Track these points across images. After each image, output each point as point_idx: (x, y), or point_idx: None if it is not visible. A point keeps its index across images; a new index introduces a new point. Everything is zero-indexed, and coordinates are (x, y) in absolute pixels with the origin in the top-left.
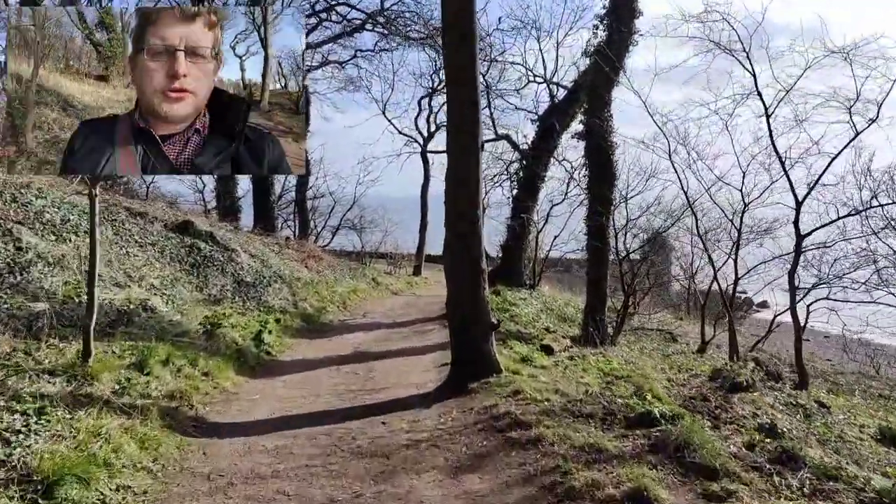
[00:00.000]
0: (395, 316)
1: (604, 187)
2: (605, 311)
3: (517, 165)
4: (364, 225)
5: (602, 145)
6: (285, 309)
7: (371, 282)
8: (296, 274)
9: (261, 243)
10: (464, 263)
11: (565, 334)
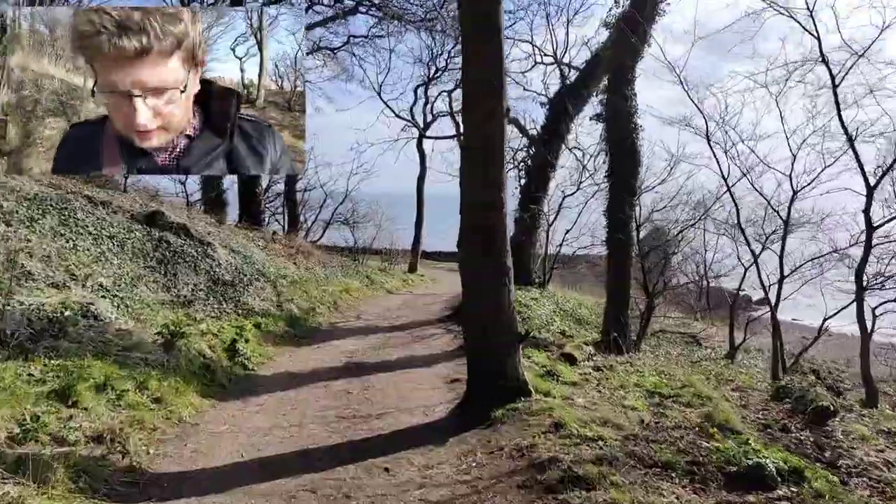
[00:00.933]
0: (393, 318)
1: (627, 174)
2: (628, 314)
3: (525, 153)
4: (357, 220)
5: (626, 127)
6: (268, 311)
7: (365, 279)
8: (282, 271)
9: (245, 238)
10: (484, 260)
11: (585, 340)
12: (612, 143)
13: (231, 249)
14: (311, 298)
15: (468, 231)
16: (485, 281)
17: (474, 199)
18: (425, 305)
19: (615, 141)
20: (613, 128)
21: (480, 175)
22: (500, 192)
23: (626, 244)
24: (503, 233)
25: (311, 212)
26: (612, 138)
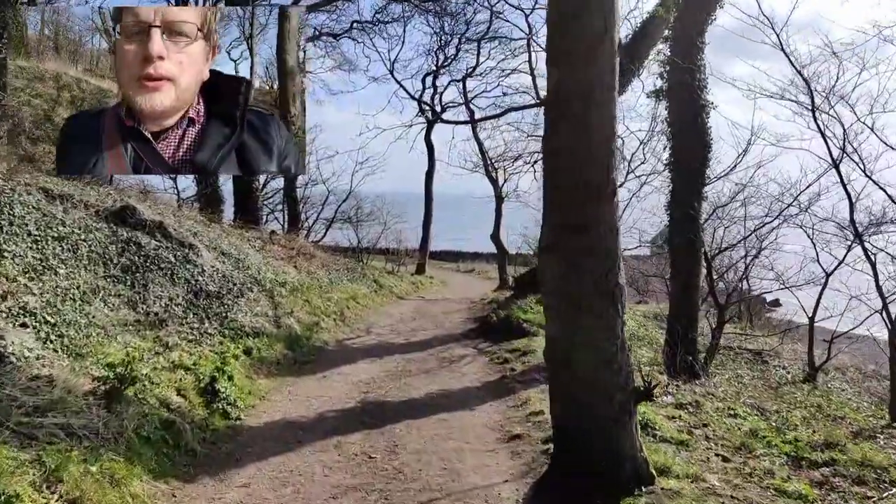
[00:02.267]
0: (408, 331)
1: (694, 161)
2: (697, 330)
3: None
4: (361, 218)
5: (693, 104)
6: (262, 330)
7: (372, 284)
8: (281, 277)
9: (239, 238)
10: (582, 278)
11: (647, 361)
12: (676, 124)
13: (221, 252)
14: (314, 310)
15: (560, 236)
16: (585, 312)
17: (568, 182)
18: (443, 315)
19: (680, 121)
20: (677, 106)
21: (579, 143)
22: (609, 172)
23: (694, 246)
24: (614, 235)
25: (313, 209)
26: (675, 118)
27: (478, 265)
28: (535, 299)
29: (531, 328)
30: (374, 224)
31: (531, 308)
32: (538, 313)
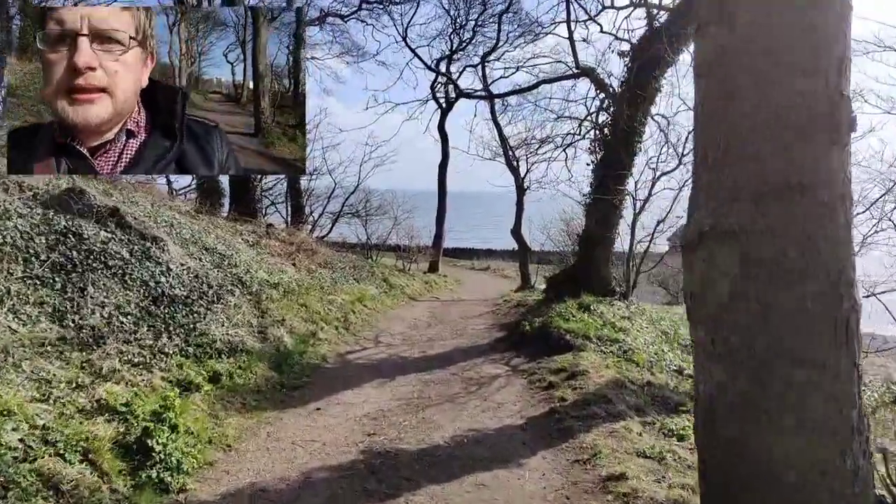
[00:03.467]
0: (424, 342)
1: None
2: None
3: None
4: (370, 212)
5: None
6: (240, 345)
7: (382, 283)
8: (275, 277)
9: (230, 232)
10: (786, 288)
11: None
12: None
13: (204, 247)
14: (311, 316)
15: (734, 208)
16: (792, 356)
17: (758, 114)
18: (463, 320)
19: None
20: None
21: (783, 29)
22: (842, 85)
23: None
24: (847, 207)
25: (318, 203)
26: None
27: (493, 262)
28: (576, 304)
29: (576, 341)
30: (384, 219)
31: (573, 315)
32: (582, 322)
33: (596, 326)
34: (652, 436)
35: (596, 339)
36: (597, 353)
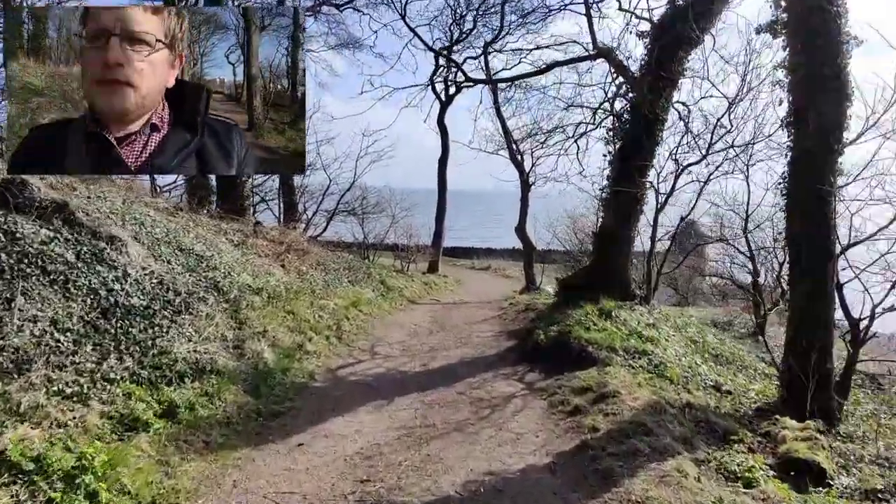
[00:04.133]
0: (425, 352)
1: (827, 121)
2: (833, 358)
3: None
4: (367, 210)
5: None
6: (208, 364)
7: (379, 286)
8: (259, 280)
9: (213, 231)
10: None
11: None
12: (803, 69)
13: (178, 248)
14: (299, 324)
15: None
16: None
17: None
18: (467, 325)
19: (810, 64)
20: (805, 42)
21: None
22: None
23: (827, 238)
24: None
25: (312, 200)
26: (802, 60)
27: (493, 262)
28: (596, 310)
29: (599, 353)
30: (382, 217)
31: (593, 323)
32: (605, 331)
33: (621, 336)
34: (711, 479)
35: (622, 351)
36: (625, 368)
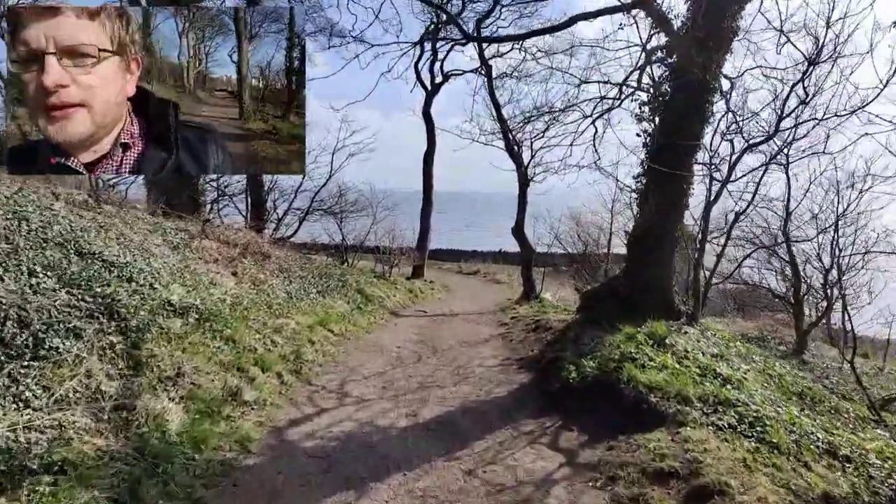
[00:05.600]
0: (413, 392)
1: None
2: None
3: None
4: (345, 208)
5: None
6: (45, 453)
7: (355, 296)
8: (194, 295)
9: (147, 230)
10: None
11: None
12: None
13: (77, 252)
14: (239, 358)
15: None
16: None
17: None
18: (463, 347)
19: None
20: None
21: None
22: None
23: None
24: None
25: (283, 198)
26: None
27: (481, 265)
28: (643, 335)
29: (667, 405)
30: (361, 217)
31: (647, 357)
32: (666, 370)
33: (692, 378)
34: None
35: (698, 401)
36: (709, 430)
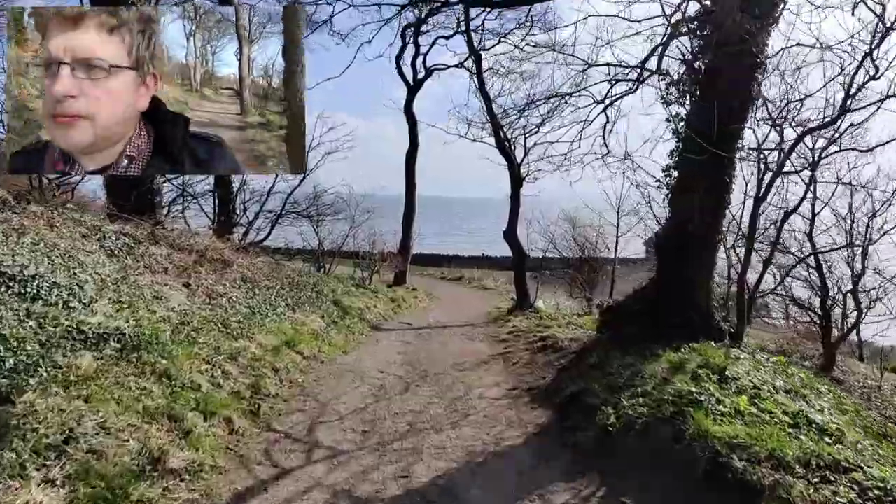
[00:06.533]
0: (404, 440)
1: None
2: None
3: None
4: (322, 211)
5: None
6: None
7: (332, 308)
8: (126, 315)
9: (79, 234)
10: None
11: None
12: None
13: None
14: (173, 401)
15: None
16: None
17: None
18: (459, 372)
19: None
20: None
21: None
22: None
23: None
24: None
25: (253, 199)
26: None
27: (465, 271)
28: (696, 363)
29: (759, 473)
30: (340, 220)
31: (714, 397)
32: (742, 417)
33: (783, 429)
34: None
35: (798, 464)
36: None
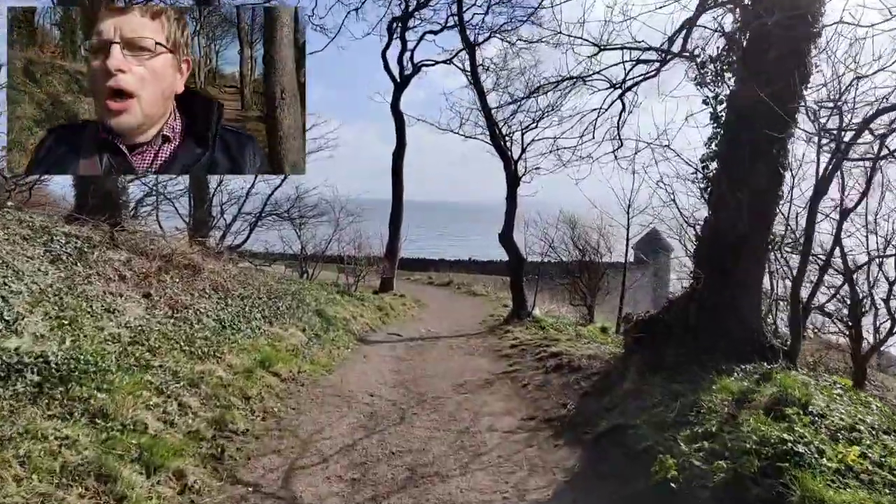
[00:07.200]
0: (404, 489)
1: None
2: None
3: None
4: (304, 214)
5: None
6: None
7: (314, 319)
8: (50, 338)
9: (20, 238)
10: None
11: None
12: None
13: None
14: (101, 454)
15: None
16: None
17: None
18: (462, 396)
19: None
20: None
21: None
22: None
23: None
24: None
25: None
26: None
27: (453, 275)
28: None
29: None
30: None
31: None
32: (854, 475)
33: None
34: None
35: None
36: None
